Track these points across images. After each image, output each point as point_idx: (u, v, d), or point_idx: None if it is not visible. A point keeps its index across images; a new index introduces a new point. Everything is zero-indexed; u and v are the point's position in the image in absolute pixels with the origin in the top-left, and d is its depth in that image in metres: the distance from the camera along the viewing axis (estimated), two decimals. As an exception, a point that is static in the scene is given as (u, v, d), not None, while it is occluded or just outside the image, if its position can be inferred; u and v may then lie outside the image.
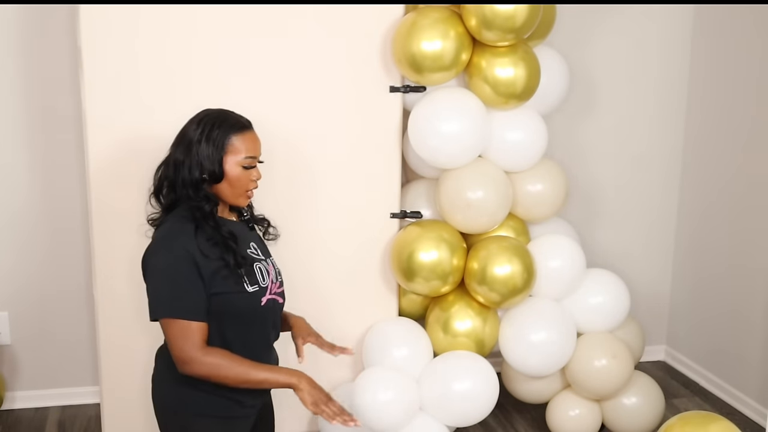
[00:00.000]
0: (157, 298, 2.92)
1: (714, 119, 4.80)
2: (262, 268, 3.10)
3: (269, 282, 3.10)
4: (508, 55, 3.91)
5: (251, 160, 3.04)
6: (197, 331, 2.89)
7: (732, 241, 4.68)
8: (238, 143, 3.02)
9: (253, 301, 3.03)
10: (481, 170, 4.03)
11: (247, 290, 3.00)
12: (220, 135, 3.02)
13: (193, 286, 2.91)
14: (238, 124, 3.06)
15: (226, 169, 3.01)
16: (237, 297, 2.98)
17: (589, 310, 4.20)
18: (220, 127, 3.03)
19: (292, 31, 3.82)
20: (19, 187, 4.35)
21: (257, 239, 3.25)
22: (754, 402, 4.56)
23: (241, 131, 3.04)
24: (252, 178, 3.06)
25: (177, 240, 2.93)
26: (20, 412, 4.51)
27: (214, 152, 3.00)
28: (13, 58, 4.24)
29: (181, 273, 2.90)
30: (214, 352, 2.89)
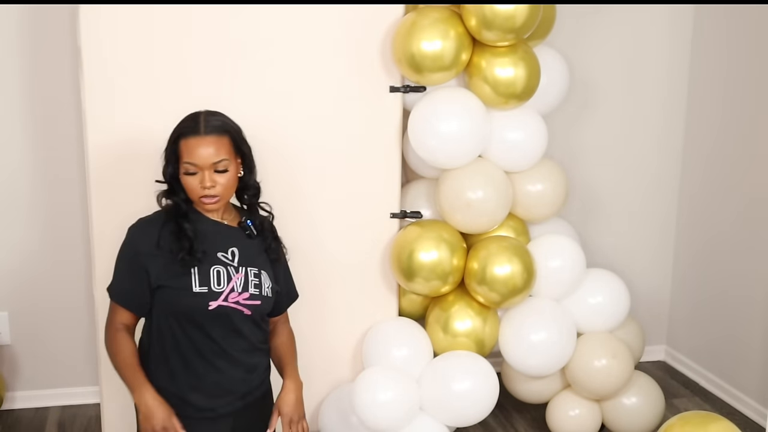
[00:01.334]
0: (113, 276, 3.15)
1: (714, 119, 4.80)
2: (222, 273, 3.10)
3: (226, 288, 3.09)
4: (508, 55, 3.91)
5: (189, 166, 3.05)
6: (118, 314, 3.11)
7: (732, 240, 4.68)
8: (182, 148, 3.07)
9: (198, 302, 3.05)
10: (481, 170, 4.03)
11: (193, 290, 3.04)
12: (171, 139, 3.12)
13: (132, 276, 3.07)
14: (188, 128, 3.09)
15: (180, 172, 3.10)
16: (181, 294, 3.05)
17: (589, 310, 4.20)
18: (175, 130, 3.13)
19: (292, 31, 3.82)
20: (19, 187, 4.35)
21: (248, 248, 3.23)
22: (754, 402, 4.55)
23: (187, 136, 3.07)
24: (198, 184, 3.06)
25: (140, 228, 3.14)
26: (20, 412, 4.51)
27: (168, 154, 3.12)
28: (14, 58, 4.24)
29: (124, 260, 3.11)
30: (114, 339, 3.09)
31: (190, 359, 3.10)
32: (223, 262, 3.12)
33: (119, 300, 3.12)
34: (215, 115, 3.17)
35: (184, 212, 3.12)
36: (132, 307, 3.12)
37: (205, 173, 3.05)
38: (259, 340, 3.25)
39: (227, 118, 3.19)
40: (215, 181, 3.07)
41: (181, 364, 3.11)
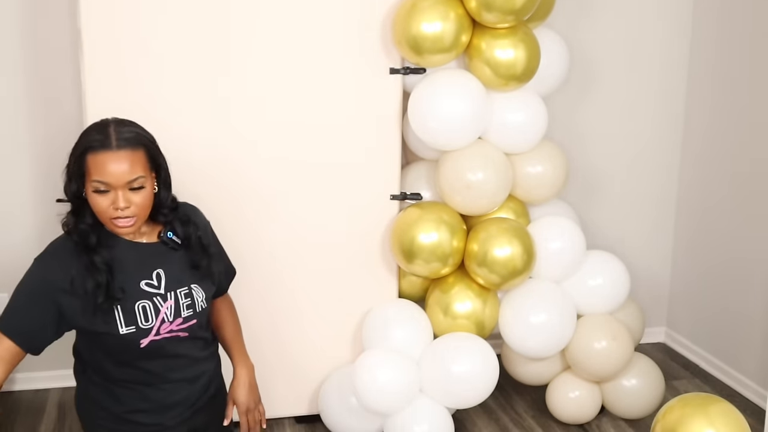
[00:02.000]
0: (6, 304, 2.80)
1: (715, 101, 4.79)
2: (148, 307, 2.79)
3: (156, 322, 2.79)
4: (508, 37, 3.90)
5: (100, 184, 2.67)
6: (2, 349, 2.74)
7: (733, 222, 4.68)
8: (90, 163, 2.68)
9: (127, 343, 2.77)
10: (481, 152, 4.02)
11: (119, 332, 2.74)
12: (76, 153, 2.73)
13: (31, 309, 2.75)
14: (95, 142, 2.68)
15: (87, 191, 2.72)
16: (108, 338, 2.76)
17: (589, 291, 4.20)
18: (79, 143, 2.73)
19: (292, 13, 3.81)
20: (20, 172, 4.35)
21: (174, 264, 2.91)
22: (754, 384, 4.56)
23: (95, 151, 2.68)
24: (110, 205, 2.70)
25: (49, 262, 2.81)
26: (20, 394, 4.52)
27: (73, 171, 2.74)
28: (14, 40, 4.23)
29: (25, 292, 2.78)
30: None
31: (130, 387, 2.87)
32: (147, 293, 2.80)
33: (7, 331, 2.74)
34: (127, 125, 2.77)
35: (94, 243, 2.76)
36: (23, 343, 2.77)
37: (119, 192, 2.68)
38: (200, 348, 2.97)
39: (141, 129, 2.81)
40: (130, 200, 2.70)
41: (119, 391, 2.87)
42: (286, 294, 4.04)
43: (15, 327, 2.76)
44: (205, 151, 3.82)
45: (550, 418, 4.35)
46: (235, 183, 3.86)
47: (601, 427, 4.30)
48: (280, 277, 4.01)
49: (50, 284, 2.73)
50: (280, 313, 4.04)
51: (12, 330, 2.75)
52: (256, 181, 3.90)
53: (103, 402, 2.90)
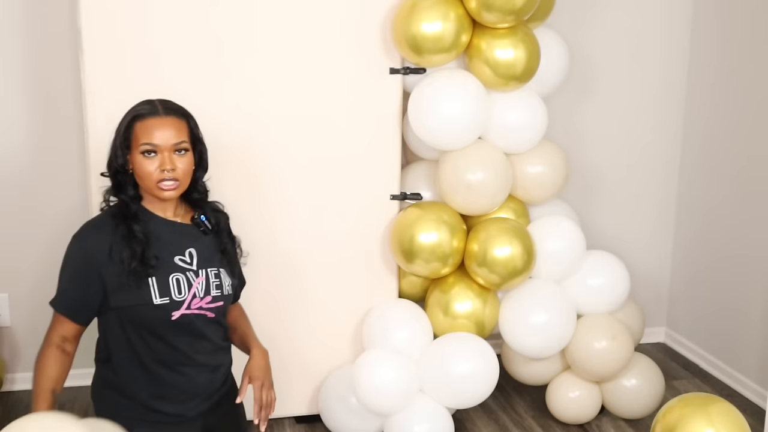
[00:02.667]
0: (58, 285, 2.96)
1: (715, 100, 4.79)
2: (182, 280, 2.95)
3: (188, 296, 2.95)
4: (508, 37, 3.90)
5: (148, 146, 2.87)
6: (59, 325, 2.95)
7: (732, 222, 4.68)
8: (138, 130, 2.89)
9: (160, 314, 2.91)
10: (481, 152, 4.02)
11: (153, 302, 2.89)
12: (124, 123, 2.94)
13: (80, 284, 2.91)
14: (143, 110, 2.92)
15: (133, 160, 2.91)
16: (143, 309, 2.89)
17: (589, 291, 4.20)
18: (127, 115, 2.95)
19: (292, 13, 3.81)
20: (19, 170, 4.35)
21: (205, 246, 3.08)
22: (754, 384, 4.56)
23: (144, 117, 2.91)
24: (157, 168, 2.89)
25: (90, 233, 2.95)
26: (20, 394, 4.51)
27: (120, 141, 2.92)
28: (14, 40, 4.23)
29: (75, 268, 2.93)
30: (44, 352, 2.93)
31: (153, 369, 2.98)
32: (181, 267, 2.96)
33: (66, 311, 2.94)
34: (171, 101, 3.04)
35: (134, 213, 2.93)
36: (79, 318, 2.96)
37: (165, 155, 2.89)
38: (221, 338, 3.12)
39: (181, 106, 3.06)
40: (174, 163, 2.90)
41: (143, 374, 2.99)
42: (286, 294, 4.03)
43: (70, 306, 2.94)
44: (205, 151, 3.81)
45: (550, 418, 4.35)
46: (235, 183, 3.86)
47: (601, 427, 4.30)
48: (280, 277, 4.00)
49: (91, 255, 2.88)
50: (280, 313, 4.04)
51: (68, 309, 2.94)
52: (256, 181, 3.89)
53: (127, 390, 3.01)
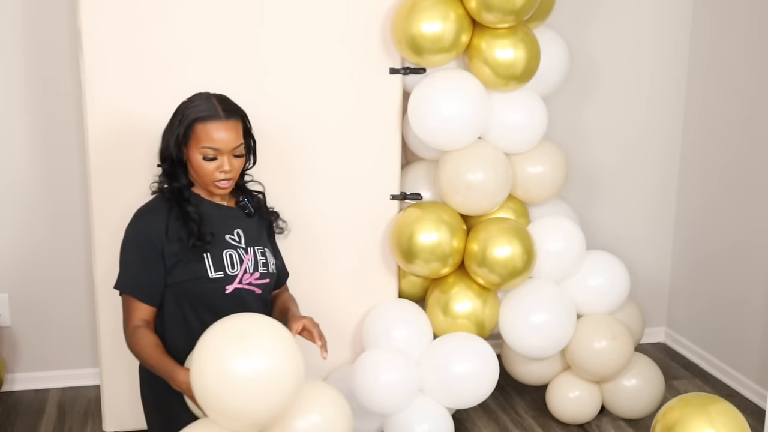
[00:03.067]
0: (120, 271, 3.04)
1: (714, 99, 4.79)
2: (234, 256, 3.11)
3: (240, 271, 3.10)
4: (508, 37, 3.90)
5: (210, 150, 3.02)
6: (137, 310, 3.00)
7: (732, 222, 4.68)
8: (199, 131, 3.02)
9: (215, 287, 3.05)
10: (481, 152, 4.02)
11: (209, 275, 3.04)
12: (184, 120, 3.05)
13: (146, 266, 2.98)
14: (206, 112, 3.04)
15: (190, 156, 3.05)
16: (199, 282, 3.03)
17: (589, 291, 4.20)
18: (189, 114, 3.06)
19: (292, 15, 3.81)
20: (19, 169, 4.34)
21: (252, 228, 3.25)
22: (754, 384, 4.56)
23: (206, 120, 3.02)
24: (215, 169, 3.04)
25: (146, 217, 3.05)
26: (20, 394, 4.51)
27: (178, 137, 3.06)
28: (14, 40, 4.22)
29: (138, 251, 3.00)
30: (137, 335, 2.97)
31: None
32: (231, 244, 3.12)
33: (137, 294, 3.03)
34: (226, 99, 3.17)
35: (187, 197, 3.10)
36: (151, 299, 3.04)
37: (225, 158, 3.04)
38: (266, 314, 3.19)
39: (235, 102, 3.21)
40: (232, 165, 3.07)
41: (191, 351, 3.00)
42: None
43: (142, 290, 3.02)
44: (205, 151, 3.82)
45: (550, 418, 4.35)
46: (235, 183, 3.86)
47: (601, 427, 4.30)
48: (280, 277, 4.01)
49: (151, 237, 3.00)
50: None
51: (141, 293, 3.01)
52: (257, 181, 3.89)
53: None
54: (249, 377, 2.56)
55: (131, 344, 3.01)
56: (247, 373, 2.56)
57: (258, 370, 2.57)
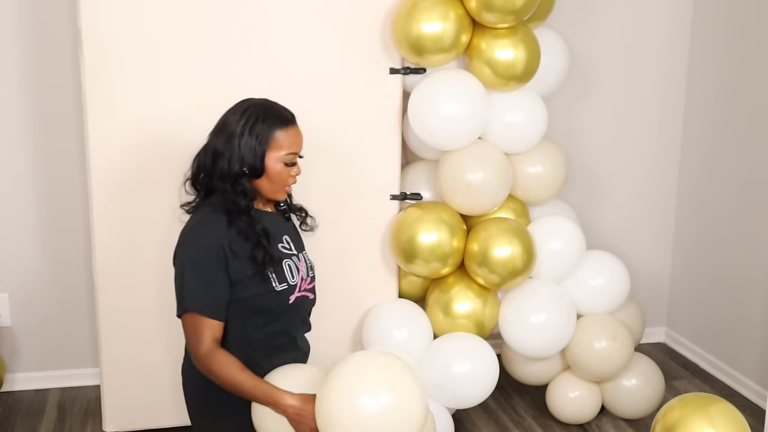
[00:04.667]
0: (181, 292, 2.89)
1: (713, 100, 4.79)
2: (292, 266, 3.05)
3: (299, 279, 3.06)
4: (508, 37, 3.90)
5: (292, 156, 2.99)
6: (209, 329, 2.87)
7: (732, 222, 4.68)
8: (282, 138, 2.96)
9: (281, 299, 3.00)
10: (481, 152, 4.02)
11: (275, 289, 2.97)
12: (264, 129, 2.94)
13: (216, 282, 2.87)
14: (282, 118, 2.98)
15: (268, 164, 2.95)
16: (266, 297, 2.95)
17: (589, 291, 4.20)
18: (265, 120, 2.95)
19: (293, 13, 3.81)
20: (19, 170, 4.34)
21: (292, 231, 3.21)
22: (754, 384, 4.56)
23: (285, 126, 2.97)
24: (292, 174, 3.02)
25: (208, 232, 2.91)
26: (20, 394, 4.52)
27: (257, 147, 2.93)
28: (13, 40, 4.23)
29: (206, 267, 2.87)
30: (217, 357, 2.85)
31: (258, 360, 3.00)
32: (286, 253, 3.07)
33: (209, 312, 2.87)
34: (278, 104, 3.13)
35: (244, 209, 2.96)
36: (220, 315, 2.91)
37: (298, 162, 3.05)
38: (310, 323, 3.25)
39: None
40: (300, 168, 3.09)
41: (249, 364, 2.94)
42: (286, 294, 4.04)
43: (213, 307, 2.88)
44: (205, 151, 3.82)
45: (550, 418, 4.35)
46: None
47: (601, 427, 4.30)
48: (280, 277, 4.01)
49: (216, 253, 2.88)
50: (280, 313, 4.04)
51: (211, 310, 2.88)
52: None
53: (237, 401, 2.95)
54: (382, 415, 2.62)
55: (210, 367, 2.86)
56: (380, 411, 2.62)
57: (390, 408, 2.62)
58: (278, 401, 2.79)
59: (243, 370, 2.84)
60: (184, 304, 2.88)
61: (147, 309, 3.91)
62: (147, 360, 3.97)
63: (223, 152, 2.94)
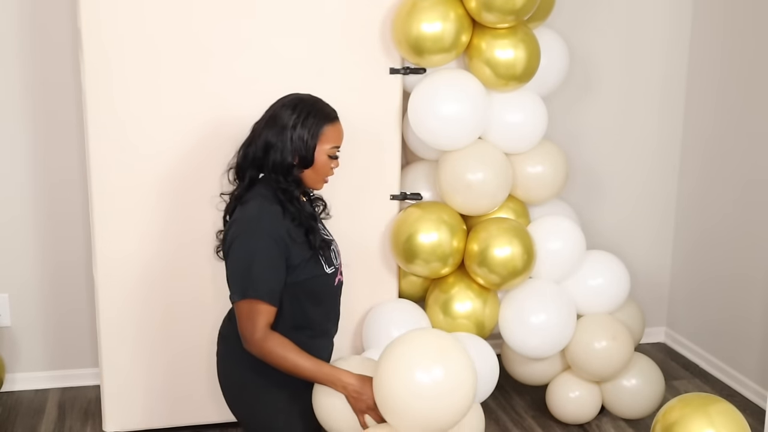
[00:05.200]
0: (245, 278, 2.97)
1: (714, 100, 4.79)
2: (335, 249, 3.24)
3: (339, 262, 3.25)
4: (508, 37, 3.90)
5: (336, 149, 3.16)
6: (267, 314, 2.97)
7: (733, 223, 4.68)
8: (329, 133, 3.13)
9: (330, 281, 3.18)
10: (481, 152, 4.02)
11: (326, 272, 3.14)
12: (315, 123, 3.11)
13: (275, 269, 2.98)
14: (331, 114, 3.16)
15: (316, 156, 3.11)
16: (318, 280, 3.12)
17: (589, 291, 4.20)
18: (316, 115, 3.12)
19: (292, 14, 3.81)
20: (19, 170, 4.34)
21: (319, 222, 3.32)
22: (754, 384, 4.56)
23: (332, 122, 3.15)
24: (332, 166, 3.18)
25: (271, 221, 3.03)
26: (20, 394, 4.52)
27: (309, 139, 3.09)
28: (13, 40, 4.23)
29: (267, 255, 2.98)
30: (271, 339, 2.95)
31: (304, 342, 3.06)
32: (328, 239, 3.24)
33: (270, 299, 2.98)
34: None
35: (294, 197, 3.11)
36: (277, 301, 3.01)
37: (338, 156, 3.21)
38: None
39: None
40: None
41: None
42: (286, 294, 4.04)
43: (272, 293, 2.99)
44: (206, 151, 3.82)
45: (550, 418, 4.35)
46: (235, 183, 3.86)
47: (601, 427, 4.30)
48: (280, 277, 4.01)
49: (279, 240, 2.99)
50: (280, 313, 4.04)
51: (270, 296, 2.98)
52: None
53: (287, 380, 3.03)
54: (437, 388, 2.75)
55: (269, 350, 2.96)
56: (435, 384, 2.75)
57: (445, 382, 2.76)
58: (340, 379, 2.95)
59: (300, 351, 2.96)
60: (247, 291, 2.97)
61: (147, 309, 3.91)
62: (147, 360, 3.97)
63: (275, 144, 3.08)
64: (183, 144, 3.78)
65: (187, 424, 4.12)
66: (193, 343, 3.98)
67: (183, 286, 3.93)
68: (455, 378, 2.78)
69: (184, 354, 4.00)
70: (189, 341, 3.98)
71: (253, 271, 2.97)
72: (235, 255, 3.01)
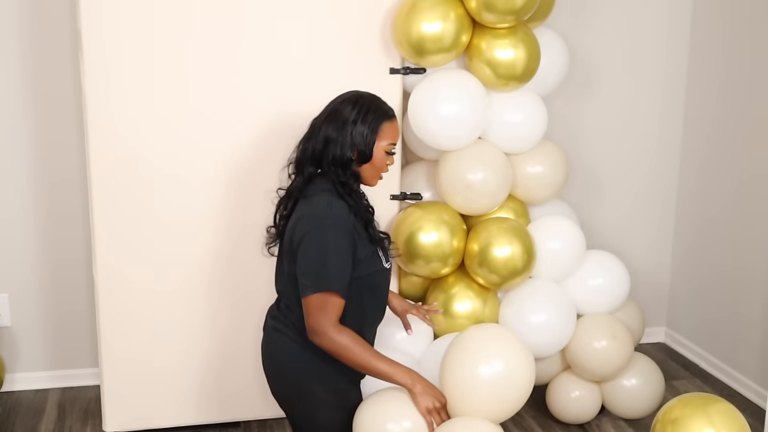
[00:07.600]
0: (320, 272, 2.98)
1: (713, 99, 4.79)
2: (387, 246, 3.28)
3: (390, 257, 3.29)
4: (508, 37, 3.90)
5: (393, 146, 3.17)
6: (337, 307, 2.99)
7: (733, 223, 4.68)
8: (388, 130, 3.15)
9: (388, 276, 3.25)
10: (481, 152, 4.02)
11: (385, 266, 3.20)
12: (375, 119, 3.13)
13: (346, 263, 3.01)
14: (389, 111, 3.18)
15: (374, 151, 3.14)
16: (379, 274, 3.18)
17: (589, 291, 4.20)
18: (376, 111, 3.14)
19: (292, 13, 3.81)
20: (19, 170, 4.35)
21: None
22: (754, 384, 4.56)
23: (391, 119, 3.16)
24: (388, 163, 3.19)
25: (339, 215, 3.06)
26: (20, 394, 4.52)
27: (369, 135, 3.12)
28: (13, 40, 4.23)
29: (340, 248, 3.01)
30: (345, 333, 2.97)
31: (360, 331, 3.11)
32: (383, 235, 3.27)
33: (342, 292, 3.01)
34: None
35: (353, 191, 3.15)
36: (345, 295, 3.03)
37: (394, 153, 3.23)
38: None
39: None
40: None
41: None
42: (286, 294, 4.04)
43: (342, 286, 3.01)
44: (205, 150, 3.82)
45: (550, 417, 4.35)
46: (236, 181, 3.86)
47: (601, 427, 4.30)
48: (280, 277, 4.01)
49: (349, 234, 3.04)
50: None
51: (342, 289, 3.01)
52: (257, 180, 3.89)
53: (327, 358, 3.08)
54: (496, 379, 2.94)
55: (341, 344, 2.97)
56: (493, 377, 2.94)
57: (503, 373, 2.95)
58: (410, 376, 2.99)
59: (369, 346, 3.02)
60: (323, 284, 2.98)
61: (147, 309, 3.91)
62: (147, 360, 3.97)
63: (336, 138, 3.11)
64: (182, 146, 3.78)
65: (187, 424, 4.12)
66: (194, 343, 3.98)
67: (183, 286, 3.92)
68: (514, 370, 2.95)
69: (184, 354, 4.00)
70: (189, 341, 3.98)
71: (328, 265, 2.99)
72: (309, 249, 3.00)
